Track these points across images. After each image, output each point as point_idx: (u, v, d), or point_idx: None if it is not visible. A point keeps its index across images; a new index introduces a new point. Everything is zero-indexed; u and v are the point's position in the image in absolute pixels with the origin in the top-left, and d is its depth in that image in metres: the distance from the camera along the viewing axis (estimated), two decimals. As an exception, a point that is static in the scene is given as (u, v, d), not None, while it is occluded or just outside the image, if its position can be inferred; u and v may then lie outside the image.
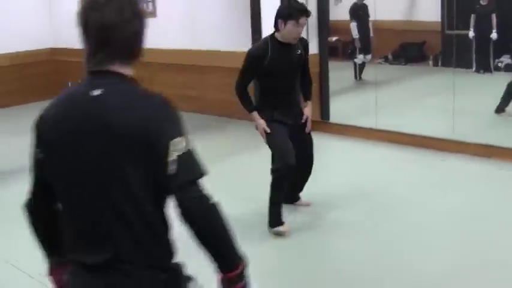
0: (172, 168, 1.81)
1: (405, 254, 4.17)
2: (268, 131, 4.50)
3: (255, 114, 4.55)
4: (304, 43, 4.68)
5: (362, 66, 10.85)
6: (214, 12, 8.55)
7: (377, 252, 4.22)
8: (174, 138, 1.83)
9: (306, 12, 4.49)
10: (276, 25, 4.51)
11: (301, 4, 4.66)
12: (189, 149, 1.86)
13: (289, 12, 4.43)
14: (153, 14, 9.50)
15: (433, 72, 11.61)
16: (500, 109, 7.72)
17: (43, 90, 10.97)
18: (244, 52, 7.75)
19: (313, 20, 7.64)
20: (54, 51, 11.21)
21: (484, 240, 4.33)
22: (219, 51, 8.49)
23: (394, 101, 8.90)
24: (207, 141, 7.50)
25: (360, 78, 10.86)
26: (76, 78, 8.17)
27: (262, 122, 4.53)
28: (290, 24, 4.42)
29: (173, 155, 1.82)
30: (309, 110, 4.78)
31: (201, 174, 1.89)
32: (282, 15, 4.46)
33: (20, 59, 10.83)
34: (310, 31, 6.96)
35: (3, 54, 10.59)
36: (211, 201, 1.88)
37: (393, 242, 4.37)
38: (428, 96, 9.17)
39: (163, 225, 1.94)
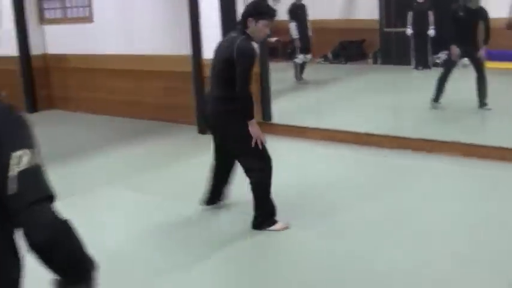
0: (12, 186, 1.53)
1: (357, 254, 4.12)
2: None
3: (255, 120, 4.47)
4: None
5: (302, 66, 10.86)
6: (151, 16, 8.39)
7: (329, 255, 4.16)
8: (17, 150, 1.56)
9: (275, 13, 4.49)
10: (244, 22, 4.41)
11: (269, 4, 4.66)
12: (34, 164, 1.58)
13: (262, 11, 4.40)
14: (90, 19, 9.29)
15: (373, 70, 11.77)
16: (435, 100, 7.83)
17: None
18: (183, 55, 7.74)
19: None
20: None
21: (431, 234, 4.34)
22: (158, 56, 8.35)
23: (335, 99, 8.96)
24: (150, 147, 7.40)
25: (301, 78, 10.87)
26: (8, 87, 7.90)
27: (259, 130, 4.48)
28: (261, 23, 4.38)
29: (14, 170, 1.53)
30: None
31: (49, 193, 1.60)
32: (253, 14, 4.39)
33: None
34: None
35: None
36: (63, 222, 1.61)
37: (345, 243, 4.32)
38: (368, 94, 9.24)
39: (13, 266, 1.67)
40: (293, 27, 10.53)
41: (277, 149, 6.85)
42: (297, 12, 10.57)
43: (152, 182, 6.02)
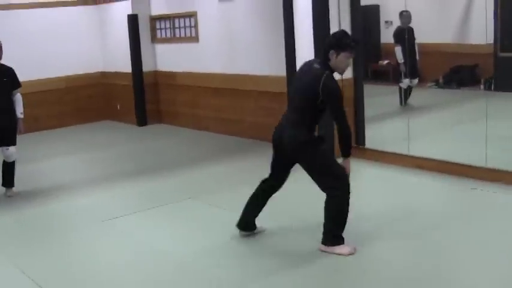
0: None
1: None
2: None
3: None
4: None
5: (407, 91, 10.65)
6: (251, 38, 8.62)
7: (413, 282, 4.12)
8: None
9: (357, 44, 4.55)
10: (326, 55, 4.52)
11: (351, 36, 4.66)
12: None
13: (342, 43, 4.46)
14: (196, 39, 9.66)
15: (484, 96, 11.27)
16: None
17: (94, 112, 11.39)
18: (280, 76, 7.87)
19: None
20: (104, 75, 11.55)
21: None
22: (258, 76, 8.55)
23: (436, 126, 8.73)
24: (243, 164, 7.63)
25: (406, 103, 10.66)
26: (123, 101, 8.62)
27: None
28: (342, 55, 4.46)
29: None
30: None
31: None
32: (334, 46, 4.48)
33: (73, 82, 11.24)
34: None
35: (60, 77, 11.05)
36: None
37: (427, 275, 4.22)
38: (472, 122, 8.87)
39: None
40: (398, 51, 10.38)
41: (366, 174, 6.86)
42: (404, 36, 10.40)
43: (235, 199, 6.17)
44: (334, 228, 4.57)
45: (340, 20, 7.24)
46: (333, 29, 7.14)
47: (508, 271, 4.18)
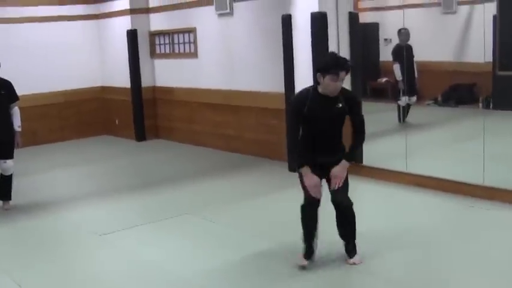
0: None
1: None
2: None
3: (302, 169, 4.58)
4: (347, 96, 4.59)
5: (406, 108, 10.67)
6: (250, 54, 8.64)
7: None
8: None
9: (344, 67, 4.42)
10: (315, 77, 4.56)
11: (341, 58, 4.57)
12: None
13: (327, 66, 4.42)
14: (194, 55, 9.70)
15: (482, 114, 11.28)
16: None
17: (92, 127, 11.39)
18: (279, 93, 7.89)
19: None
20: (102, 90, 11.57)
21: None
22: (255, 92, 8.56)
23: (434, 144, 8.73)
24: (241, 179, 7.65)
25: (404, 120, 10.67)
26: (122, 116, 8.60)
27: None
28: (328, 78, 4.41)
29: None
30: (337, 168, 4.58)
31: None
32: (320, 69, 4.48)
33: (73, 96, 11.26)
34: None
35: (59, 91, 11.08)
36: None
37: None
38: (469, 140, 8.88)
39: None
40: (397, 68, 10.41)
41: (363, 191, 6.84)
42: (402, 53, 10.42)
43: (228, 214, 6.21)
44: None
45: (339, 38, 7.27)
46: (332, 46, 7.18)
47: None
